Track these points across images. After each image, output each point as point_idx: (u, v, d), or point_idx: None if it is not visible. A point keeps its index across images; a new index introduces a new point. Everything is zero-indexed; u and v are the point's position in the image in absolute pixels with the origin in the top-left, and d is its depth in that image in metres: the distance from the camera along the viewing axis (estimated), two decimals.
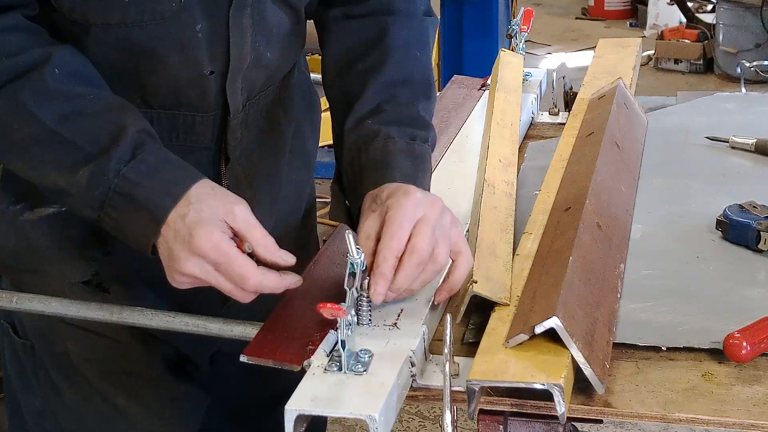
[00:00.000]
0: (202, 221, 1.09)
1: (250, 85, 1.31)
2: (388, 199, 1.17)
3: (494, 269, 1.25)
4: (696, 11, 7.17)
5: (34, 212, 1.30)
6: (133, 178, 1.12)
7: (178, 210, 1.11)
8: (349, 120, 1.30)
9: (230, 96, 1.27)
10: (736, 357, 1.10)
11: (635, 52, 2.19)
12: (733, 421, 1.02)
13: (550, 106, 1.99)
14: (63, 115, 1.13)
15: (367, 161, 1.26)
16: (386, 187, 1.20)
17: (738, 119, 1.88)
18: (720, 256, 1.37)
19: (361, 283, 1.10)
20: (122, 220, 1.13)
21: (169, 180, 1.13)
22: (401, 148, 1.26)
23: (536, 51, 6.96)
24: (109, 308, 1.29)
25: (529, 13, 2.02)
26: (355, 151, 1.28)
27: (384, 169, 1.23)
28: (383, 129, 1.27)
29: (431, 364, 1.12)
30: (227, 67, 1.25)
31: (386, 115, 1.29)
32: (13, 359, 1.44)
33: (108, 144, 1.12)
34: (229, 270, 1.09)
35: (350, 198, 1.29)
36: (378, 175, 1.23)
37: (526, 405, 1.04)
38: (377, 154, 1.25)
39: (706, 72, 6.62)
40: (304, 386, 1.03)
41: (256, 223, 1.13)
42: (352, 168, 1.28)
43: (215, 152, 1.32)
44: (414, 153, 1.27)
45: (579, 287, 1.15)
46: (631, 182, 1.57)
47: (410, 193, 1.16)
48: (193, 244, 1.09)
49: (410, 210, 1.14)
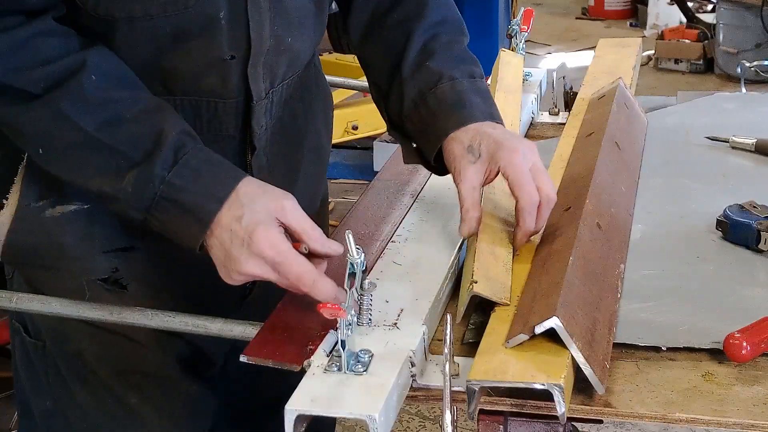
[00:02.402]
0: (259, 223, 1.13)
1: (272, 72, 1.32)
2: (492, 153, 1.27)
3: (494, 269, 1.25)
4: (696, 11, 7.17)
5: (56, 209, 1.30)
6: (177, 183, 1.15)
7: (232, 212, 1.14)
8: (405, 68, 1.36)
9: (252, 82, 1.29)
10: (736, 357, 1.10)
11: (635, 52, 2.19)
12: (733, 421, 1.02)
13: (550, 106, 1.99)
14: (103, 122, 1.15)
15: (437, 104, 1.32)
16: (469, 129, 1.30)
17: (738, 119, 1.88)
18: (720, 256, 1.37)
19: (361, 283, 1.10)
20: (169, 222, 1.16)
21: (212, 182, 1.16)
22: (468, 87, 1.34)
23: (536, 51, 6.96)
24: (110, 308, 1.29)
25: (529, 13, 2.02)
26: (419, 97, 1.34)
27: (461, 109, 1.31)
28: (444, 71, 1.34)
29: (431, 364, 1.12)
30: (248, 52, 1.26)
31: (439, 57, 1.36)
32: (24, 359, 1.44)
33: (150, 149, 1.15)
34: (287, 270, 1.13)
35: (420, 140, 1.37)
36: (456, 117, 1.31)
37: (526, 405, 1.04)
38: (447, 97, 1.32)
39: (706, 72, 6.62)
40: (304, 386, 1.03)
41: (305, 216, 1.17)
42: (419, 113, 1.34)
43: (239, 142, 1.33)
44: (480, 90, 1.36)
45: (579, 287, 1.15)
46: (631, 182, 1.57)
47: (516, 148, 1.27)
48: (253, 246, 1.12)
49: (524, 163, 1.26)
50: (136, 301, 1.31)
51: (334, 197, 4.38)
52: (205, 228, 1.15)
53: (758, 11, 6.06)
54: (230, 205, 1.15)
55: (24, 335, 1.42)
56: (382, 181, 1.62)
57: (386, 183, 1.60)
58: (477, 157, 1.28)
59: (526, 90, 1.96)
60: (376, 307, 1.15)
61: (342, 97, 4.25)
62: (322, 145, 1.56)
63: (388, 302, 1.19)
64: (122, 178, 1.15)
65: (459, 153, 1.29)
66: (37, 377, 1.42)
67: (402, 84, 1.37)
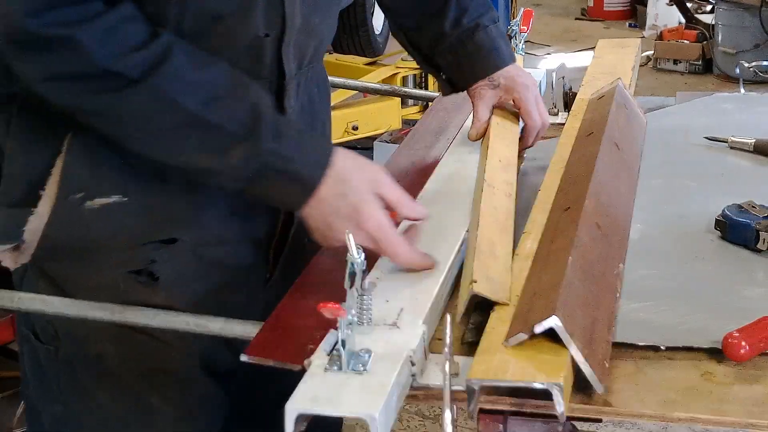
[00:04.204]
0: (363, 200, 1.24)
1: (301, 52, 1.39)
2: (509, 86, 1.65)
3: (494, 269, 1.25)
4: (695, 12, 7.17)
5: (94, 201, 1.30)
6: (286, 154, 1.22)
7: (335, 187, 1.23)
8: (447, 22, 1.64)
9: (285, 60, 1.35)
10: (735, 356, 1.10)
11: (634, 52, 2.19)
12: (733, 421, 1.03)
13: (549, 107, 1.99)
14: (203, 99, 1.19)
15: (475, 49, 1.64)
16: (501, 73, 1.65)
17: (737, 119, 1.88)
18: (719, 256, 1.37)
19: (361, 282, 1.10)
20: (273, 190, 1.25)
21: (313, 151, 1.25)
22: (496, 33, 1.67)
23: (536, 51, 6.96)
24: (110, 308, 1.29)
25: (529, 14, 2.03)
26: (456, 41, 1.64)
27: (496, 56, 1.66)
28: (479, 21, 1.65)
29: (431, 363, 1.12)
30: (281, 30, 1.32)
31: (472, 9, 1.65)
32: (34, 366, 1.43)
33: (252, 124, 1.21)
34: (386, 246, 1.24)
35: (454, 76, 1.69)
36: (492, 62, 1.65)
37: (526, 404, 1.04)
38: (484, 44, 1.65)
39: (705, 72, 6.62)
40: (304, 385, 1.03)
41: (397, 186, 1.28)
42: (456, 55, 1.65)
43: None
44: (503, 34, 1.71)
45: (578, 287, 1.16)
46: (631, 182, 1.58)
47: (527, 84, 1.67)
48: (360, 223, 1.23)
49: (533, 98, 1.67)
50: (168, 291, 1.33)
51: None
52: (309, 194, 1.23)
53: (757, 12, 6.06)
54: (331, 178, 1.23)
55: (35, 342, 1.41)
56: None
57: None
58: (495, 86, 1.65)
59: None
60: (376, 306, 1.15)
61: (342, 97, 4.25)
62: (328, 138, 1.63)
63: (388, 302, 1.19)
64: (227, 154, 1.20)
65: (482, 84, 1.66)
66: (48, 383, 1.42)
67: (442, 32, 1.64)
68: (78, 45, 1.14)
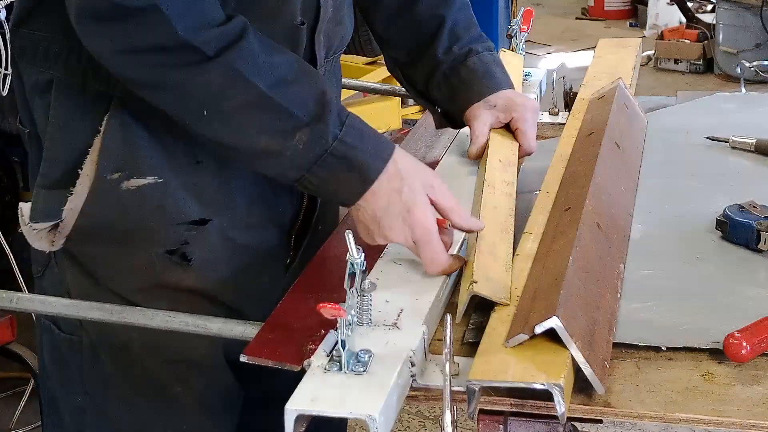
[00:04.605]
0: (417, 201, 1.24)
1: (329, 41, 1.44)
2: (507, 106, 1.58)
3: (494, 269, 1.25)
4: (696, 11, 7.18)
5: (131, 182, 1.32)
6: (349, 141, 1.22)
7: (392, 183, 1.24)
8: (439, 49, 1.61)
9: (317, 47, 1.41)
10: (736, 357, 1.10)
11: (635, 52, 2.19)
12: (733, 421, 1.03)
13: (550, 106, 1.99)
14: (274, 82, 1.21)
15: (468, 75, 1.60)
16: (498, 95, 1.59)
17: (738, 119, 1.88)
18: (720, 256, 1.37)
19: (361, 282, 1.10)
20: (331, 179, 1.24)
21: (376, 143, 1.26)
22: (490, 59, 1.63)
23: (536, 51, 6.96)
24: (110, 308, 1.29)
25: (529, 13, 2.03)
26: (450, 70, 1.60)
27: (490, 79, 1.60)
28: (472, 47, 1.61)
29: (431, 364, 1.12)
30: (315, 19, 1.39)
31: (464, 38, 1.62)
32: (55, 356, 1.44)
33: (319, 110, 1.22)
34: (425, 251, 1.25)
35: (449, 106, 1.63)
36: (486, 86, 1.59)
37: (526, 405, 1.04)
38: (477, 69, 1.60)
39: (705, 72, 6.62)
40: (304, 386, 1.03)
41: (451, 194, 1.29)
42: (449, 84, 1.61)
43: None
44: (497, 62, 1.65)
45: (579, 287, 1.15)
46: (631, 182, 1.58)
47: (526, 106, 1.60)
48: (409, 221, 1.23)
49: (532, 121, 1.60)
50: (199, 273, 1.36)
51: None
52: (368, 185, 1.23)
53: (758, 11, 6.06)
54: (390, 172, 1.24)
55: (57, 332, 1.42)
56: None
57: None
58: (492, 106, 1.58)
59: (526, 90, 1.96)
60: (376, 307, 1.15)
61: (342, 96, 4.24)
62: None
63: (388, 302, 1.19)
64: (292, 136, 1.21)
65: (478, 104, 1.59)
66: (69, 373, 1.43)
67: (435, 61, 1.61)
68: (161, 16, 1.15)
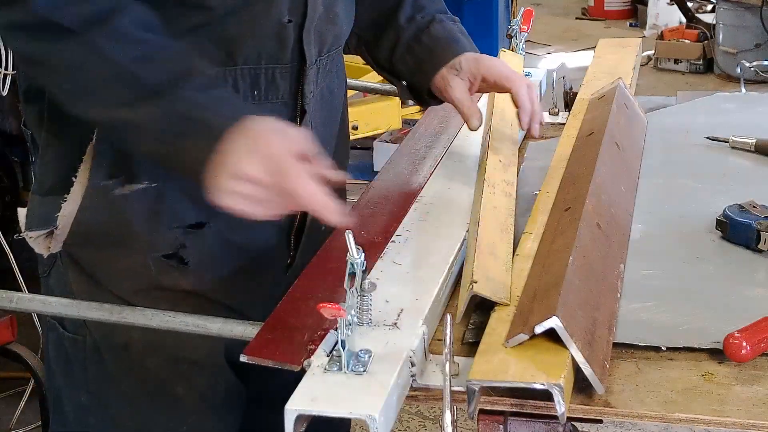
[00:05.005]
0: (271, 129, 1.18)
1: (321, 39, 1.42)
2: (472, 66, 1.51)
3: (494, 269, 1.25)
4: (696, 11, 7.18)
5: (125, 187, 1.33)
6: (202, 102, 1.19)
7: (242, 123, 1.17)
8: (401, 17, 1.58)
9: (306, 45, 1.38)
10: (736, 357, 1.10)
11: (635, 52, 2.19)
12: (733, 421, 1.02)
13: (550, 106, 1.99)
14: (137, 57, 1.20)
15: (431, 41, 1.55)
16: (461, 56, 1.53)
17: (738, 119, 1.88)
18: (720, 256, 1.37)
19: (361, 282, 1.10)
20: (184, 144, 1.19)
21: (234, 108, 1.22)
22: (454, 27, 1.59)
23: (536, 51, 6.96)
24: (110, 308, 1.29)
25: (529, 13, 2.03)
26: (413, 39, 1.56)
27: (454, 43, 1.55)
28: (435, 15, 1.58)
29: (431, 364, 1.12)
30: (303, 17, 1.36)
31: (428, 8, 1.59)
32: (59, 355, 1.45)
33: (179, 79, 1.20)
34: (292, 178, 1.14)
35: (414, 77, 1.57)
36: (451, 49, 1.54)
37: (526, 405, 1.04)
38: (440, 34, 1.56)
39: (705, 72, 6.62)
40: (304, 386, 1.03)
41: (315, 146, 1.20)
42: (413, 53, 1.56)
43: (292, 108, 1.41)
44: (462, 31, 1.61)
45: (579, 287, 1.15)
46: (631, 182, 1.58)
47: (491, 58, 1.54)
48: (260, 144, 1.15)
49: (503, 65, 1.54)
50: (197, 276, 1.36)
51: None
52: (215, 143, 1.16)
53: (758, 11, 6.06)
54: (240, 131, 1.17)
55: (61, 330, 1.43)
56: (382, 181, 1.62)
57: (386, 183, 1.61)
58: (459, 70, 1.52)
59: None
60: (376, 307, 1.15)
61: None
62: (346, 128, 1.64)
63: (388, 302, 1.19)
64: (148, 104, 1.19)
65: (445, 72, 1.52)
66: (73, 371, 1.43)
67: (398, 31, 1.57)
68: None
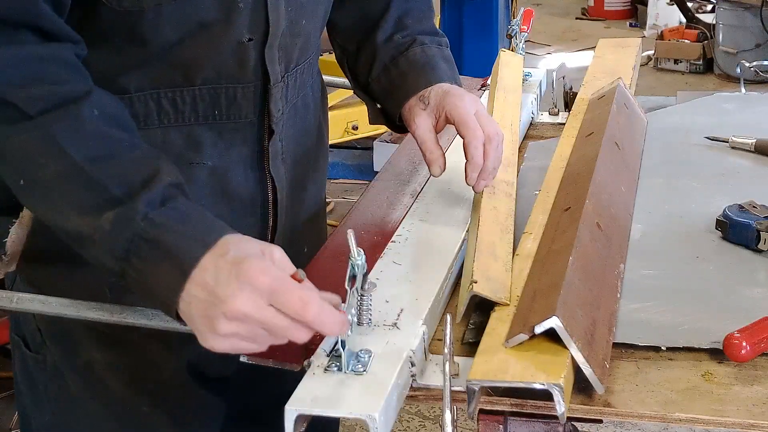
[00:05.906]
0: (248, 256, 1.01)
1: (287, 54, 1.33)
2: (439, 100, 1.39)
3: (494, 269, 1.25)
4: (696, 11, 7.18)
5: None
6: (162, 222, 1.04)
7: (215, 251, 1.02)
8: (380, 35, 1.49)
9: (269, 63, 1.29)
10: (735, 357, 1.10)
11: (635, 52, 2.19)
12: (733, 421, 1.03)
13: (550, 106, 1.99)
14: (95, 156, 1.08)
15: (408, 66, 1.45)
16: (432, 88, 1.41)
17: (738, 119, 1.88)
18: (720, 256, 1.37)
19: (361, 283, 1.10)
20: (146, 271, 1.04)
21: (200, 227, 1.06)
22: (436, 53, 1.47)
23: (536, 51, 6.96)
24: (110, 308, 1.29)
25: (529, 14, 2.03)
26: (390, 60, 1.47)
27: (431, 71, 1.44)
28: (417, 38, 1.48)
29: (431, 363, 1.12)
30: (265, 34, 1.27)
31: (412, 28, 1.50)
32: (24, 373, 1.42)
33: (138, 188, 1.06)
34: (288, 297, 0.99)
35: (387, 101, 1.48)
36: (425, 77, 1.43)
37: (526, 405, 1.04)
38: (418, 59, 1.46)
39: (705, 72, 6.62)
40: (304, 386, 1.03)
41: (293, 267, 1.05)
42: (389, 75, 1.47)
43: (258, 127, 1.32)
44: (446, 57, 1.50)
45: (579, 287, 1.15)
46: (631, 182, 1.58)
47: (462, 95, 1.39)
48: (242, 274, 0.99)
49: (468, 107, 1.37)
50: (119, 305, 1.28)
51: (334, 197, 4.38)
52: (185, 277, 1.01)
53: (758, 11, 6.06)
54: (214, 249, 1.02)
55: (24, 349, 1.40)
56: (382, 181, 1.62)
57: (386, 183, 1.61)
58: (426, 104, 1.40)
59: (526, 90, 1.96)
60: (376, 307, 1.15)
61: (342, 97, 4.25)
62: (325, 140, 1.56)
63: (388, 302, 1.19)
64: (99, 215, 1.05)
65: (413, 104, 1.42)
66: (37, 391, 1.41)
67: (375, 49, 1.49)
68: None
